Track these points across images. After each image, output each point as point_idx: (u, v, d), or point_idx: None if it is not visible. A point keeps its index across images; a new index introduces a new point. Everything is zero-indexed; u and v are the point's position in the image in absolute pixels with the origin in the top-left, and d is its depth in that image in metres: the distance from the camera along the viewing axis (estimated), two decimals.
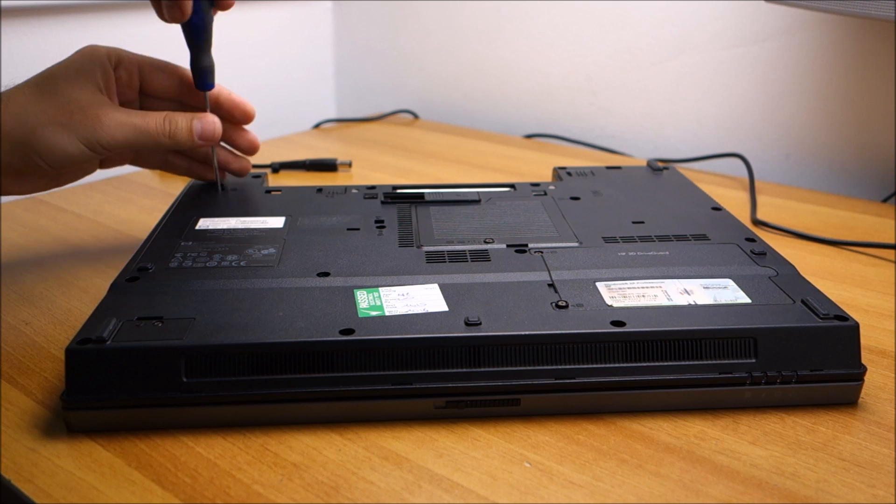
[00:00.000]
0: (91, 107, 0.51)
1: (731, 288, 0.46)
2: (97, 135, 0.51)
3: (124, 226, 0.70)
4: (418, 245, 0.52)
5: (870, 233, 0.69)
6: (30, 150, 0.49)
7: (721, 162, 0.89)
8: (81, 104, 0.51)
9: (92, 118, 0.50)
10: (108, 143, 0.51)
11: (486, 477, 0.37)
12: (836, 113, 0.86)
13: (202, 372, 0.39)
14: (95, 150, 0.51)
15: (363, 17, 1.22)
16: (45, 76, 0.52)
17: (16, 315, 0.52)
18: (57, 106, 0.50)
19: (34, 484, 0.37)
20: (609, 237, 0.53)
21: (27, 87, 0.51)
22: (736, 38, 0.89)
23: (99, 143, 0.51)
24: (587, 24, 1.00)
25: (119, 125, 0.51)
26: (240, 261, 0.50)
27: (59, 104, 0.50)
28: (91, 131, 0.50)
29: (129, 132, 0.52)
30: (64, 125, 0.50)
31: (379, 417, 0.41)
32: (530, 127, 1.09)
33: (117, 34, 0.96)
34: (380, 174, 0.86)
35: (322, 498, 0.36)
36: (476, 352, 0.40)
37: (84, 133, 0.50)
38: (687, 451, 0.39)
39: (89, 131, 0.50)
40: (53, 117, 0.50)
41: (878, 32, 0.81)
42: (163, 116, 0.54)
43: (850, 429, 0.41)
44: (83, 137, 0.50)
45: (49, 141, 0.49)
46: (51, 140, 0.50)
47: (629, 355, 0.41)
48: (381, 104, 1.22)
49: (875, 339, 0.50)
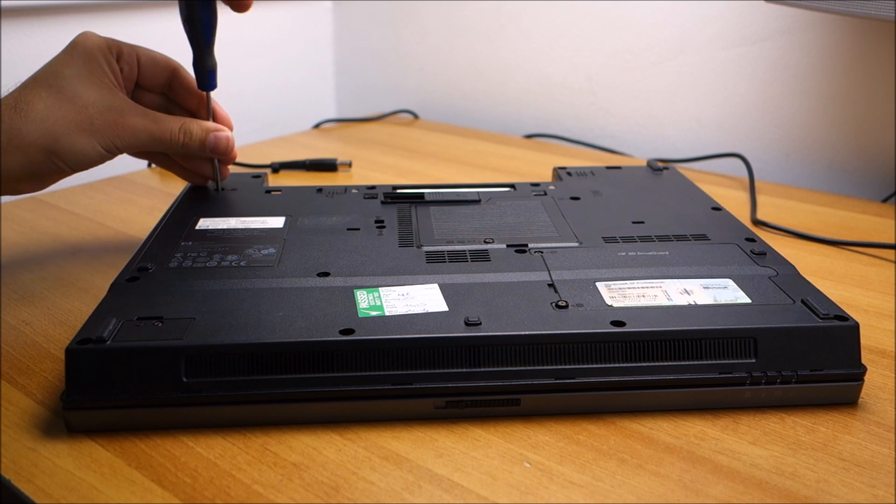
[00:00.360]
0: (110, 111, 0.52)
1: (731, 288, 0.46)
2: (117, 141, 0.53)
3: (124, 226, 0.70)
4: (418, 245, 0.52)
5: (870, 233, 0.69)
6: (55, 156, 0.51)
7: (721, 162, 0.89)
8: (100, 108, 0.52)
9: (112, 124, 0.52)
10: (125, 147, 0.54)
11: (486, 477, 0.37)
12: (836, 113, 0.86)
13: (202, 372, 0.39)
14: (113, 154, 0.54)
15: (363, 17, 1.22)
16: (54, 74, 0.52)
17: (16, 315, 0.53)
18: (77, 111, 0.51)
19: (34, 484, 0.37)
20: (609, 237, 0.53)
21: (40, 88, 0.52)
22: (736, 38, 0.89)
23: (117, 147, 0.53)
24: (587, 24, 1.00)
25: (137, 131, 0.53)
26: (240, 261, 0.50)
27: (78, 108, 0.51)
28: (111, 138, 0.52)
29: (145, 139, 0.54)
30: (87, 131, 0.51)
31: (379, 417, 0.41)
32: (530, 127, 1.09)
33: (117, 34, 0.96)
34: (380, 174, 0.86)
35: (322, 498, 0.36)
36: (476, 352, 0.40)
37: (104, 139, 0.52)
38: (687, 451, 0.39)
39: (109, 138, 0.52)
40: (77, 123, 0.51)
41: (878, 32, 0.81)
42: (178, 126, 0.55)
43: (850, 429, 0.41)
44: (103, 143, 0.52)
45: (74, 147, 0.51)
46: (75, 147, 0.51)
47: (629, 355, 0.41)
48: (381, 104, 1.22)
49: (875, 339, 0.50)
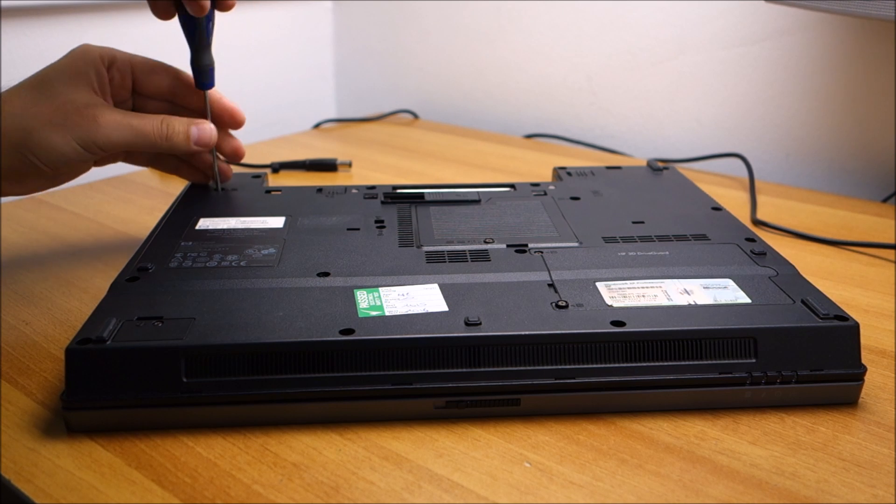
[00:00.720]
0: (87, 108, 0.51)
1: (731, 288, 0.46)
2: (93, 136, 0.51)
3: (124, 226, 0.70)
4: (418, 245, 0.52)
5: (870, 233, 0.69)
6: (27, 151, 0.50)
7: (721, 162, 0.89)
8: (77, 105, 0.51)
9: (88, 119, 0.51)
10: (103, 143, 0.52)
11: (486, 477, 0.37)
12: (836, 113, 0.86)
13: (202, 372, 0.39)
14: (91, 151, 0.52)
15: (363, 17, 1.22)
16: (40, 78, 0.52)
17: (16, 315, 0.53)
18: (53, 107, 0.50)
19: (34, 484, 0.37)
20: (609, 237, 0.53)
21: (23, 89, 0.52)
22: (736, 38, 0.89)
23: (95, 143, 0.51)
24: (587, 24, 1.00)
25: (115, 126, 0.52)
26: (240, 261, 0.50)
27: (54, 106, 0.50)
28: (87, 132, 0.51)
29: (125, 133, 0.52)
30: (60, 126, 0.50)
31: (379, 417, 0.41)
32: (530, 127, 1.09)
33: (117, 34, 0.96)
34: (380, 174, 0.86)
35: (322, 498, 0.36)
36: (476, 352, 0.40)
37: (80, 134, 0.51)
38: (687, 451, 0.39)
39: (85, 132, 0.51)
40: (49, 118, 0.50)
41: (878, 32, 0.81)
42: (160, 120, 0.54)
43: (850, 429, 0.41)
44: (78, 138, 0.51)
45: (45, 142, 0.50)
46: (47, 141, 0.50)
47: (629, 355, 0.41)
48: (381, 104, 1.22)
49: (875, 339, 0.50)
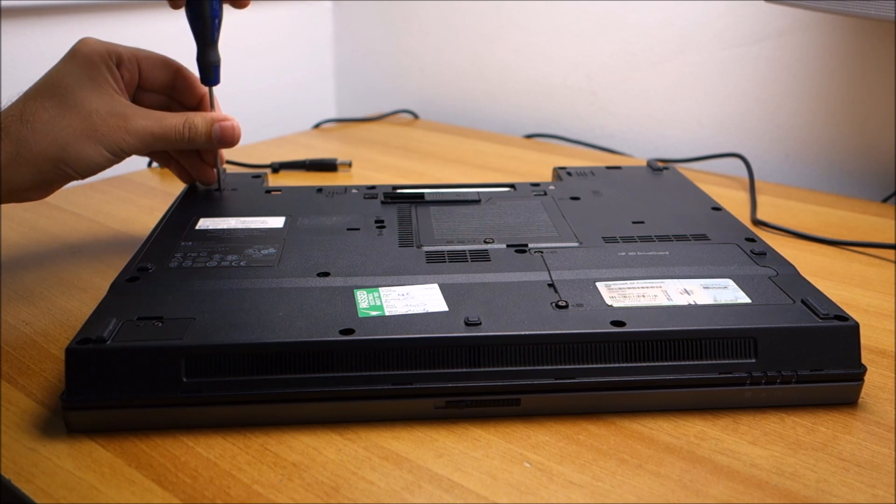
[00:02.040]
0: (112, 116, 0.53)
1: (731, 288, 0.46)
2: (122, 145, 0.53)
3: (124, 226, 0.70)
4: (418, 245, 0.52)
5: (870, 233, 0.69)
6: (63, 164, 0.51)
7: (721, 162, 0.89)
8: (103, 114, 0.52)
9: (116, 129, 0.53)
10: (131, 150, 0.54)
11: (486, 477, 0.37)
12: (836, 113, 0.86)
13: (202, 372, 0.39)
14: (119, 157, 0.54)
15: (363, 18, 1.22)
16: (56, 83, 0.52)
17: (16, 315, 0.53)
18: (82, 118, 0.52)
19: (34, 484, 0.37)
20: (609, 237, 0.53)
21: (42, 99, 0.52)
22: (736, 38, 0.89)
23: (123, 151, 0.53)
24: (587, 24, 1.00)
25: (143, 134, 0.54)
26: (240, 261, 0.50)
27: (83, 116, 0.52)
28: (116, 142, 0.53)
29: (149, 139, 0.54)
30: (91, 138, 0.52)
31: (379, 417, 0.41)
32: (530, 127, 1.09)
33: (117, 34, 0.96)
34: (380, 174, 0.86)
35: (322, 498, 0.36)
36: (476, 352, 0.40)
37: (110, 144, 0.52)
38: (687, 451, 0.39)
39: (114, 142, 0.53)
40: (81, 131, 0.52)
41: (878, 32, 0.81)
42: (182, 121, 0.55)
43: (850, 429, 0.41)
44: (109, 148, 0.53)
45: (80, 154, 0.51)
46: (81, 154, 0.52)
47: (629, 355, 0.41)
48: (381, 104, 1.22)
49: (875, 339, 0.50)
